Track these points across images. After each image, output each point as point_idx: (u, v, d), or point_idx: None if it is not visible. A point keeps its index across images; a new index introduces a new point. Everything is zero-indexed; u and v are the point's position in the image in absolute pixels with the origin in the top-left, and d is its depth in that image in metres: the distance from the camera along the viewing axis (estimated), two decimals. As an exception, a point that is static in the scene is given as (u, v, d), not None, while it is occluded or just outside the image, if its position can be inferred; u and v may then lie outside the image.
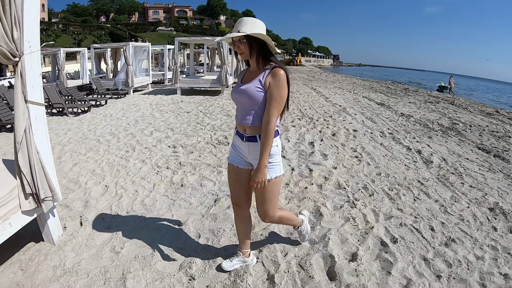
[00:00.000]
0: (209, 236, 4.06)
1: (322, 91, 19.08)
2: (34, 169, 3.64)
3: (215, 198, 5.05)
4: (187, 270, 3.44)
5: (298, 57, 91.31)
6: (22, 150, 3.55)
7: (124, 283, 3.32)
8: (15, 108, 3.47)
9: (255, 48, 2.85)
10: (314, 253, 3.67)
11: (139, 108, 14.08)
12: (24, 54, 3.41)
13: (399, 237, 3.97)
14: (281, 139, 3.22)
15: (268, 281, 3.29)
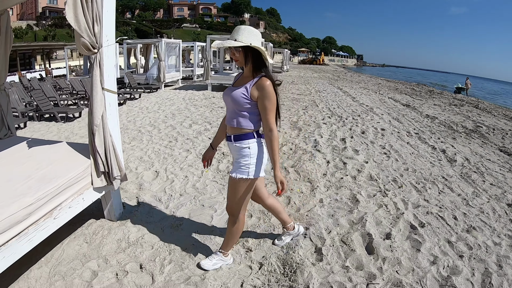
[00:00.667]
0: (260, 215, 4.54)
1: (348, 91, 19.39)
2: (108, 150, 4.00)
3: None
4: (244, 243, 3.91)
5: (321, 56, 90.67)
6: (99, 132, 3.90)
7: (189, 253, 3.76)
8: (94, 95, 3.80)
9: (250, 57, 2.97)
10: (354, 232, 4.14)
11: (173, 102, 14.58)
12: (103, 46, 3.77)
13: (426, 223, 4.39)
14: (264, 145, 3.21)
15: (316, 253, 3.76)
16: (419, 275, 3.43)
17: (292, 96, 16.65)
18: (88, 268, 3.55)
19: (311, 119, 10.85)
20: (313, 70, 46.05)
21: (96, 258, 3.73)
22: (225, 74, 20.44)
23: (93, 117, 3.85)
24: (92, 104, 3.83)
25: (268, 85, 2.94)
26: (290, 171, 6.14)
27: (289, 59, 44.07)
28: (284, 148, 7.52)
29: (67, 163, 4.02)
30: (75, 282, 3.36)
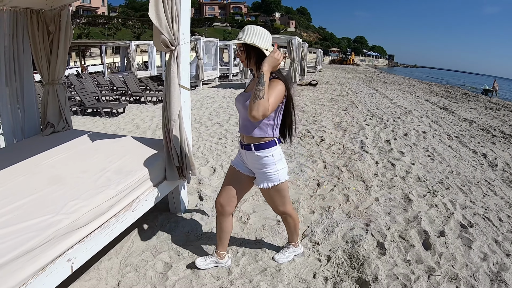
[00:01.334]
0: (322, 212, 4.80)
1: (384, 93, 19.48)
2: (183, 145, 4.15)
3: (317, 182, 5.79)
4: (310, 237, 4.15)
5: (351, 56, 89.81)
6: (176, 128, 4.02)
7: (261, 246, 3.96)
8: (171, 91, 3.88)
9: (252, 56, 2.84)
10: (410, 229, 4.38)
11: (214, 100, 14.94)
12: (180, 44, 3.85)
13: (474, 223, 4.58)
14: (281, 151, 3.13)
15: (378, 247, 3.99)
16: (472, 270, 3.64)
17: (330, 96, 16.85)
18: (160, 260, 3.72)
19: (353, 120, 11.05)
20: (345, 70, 45.97)
21: (167, 250, 3.92)
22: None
23: (170, 113, 3.96)
24: (170, 100, 3.94)
25: (278, 85, 2.76)
26: (342, 170, 6.37)
27: (321, 59, 43.89)
28: (333, 148, 7.77)
29: (139, 157, 4.21)
30: (149, 273, 3.52)
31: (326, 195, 5.33)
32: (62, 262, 2.74)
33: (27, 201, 3.13)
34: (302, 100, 15.40)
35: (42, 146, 4.93)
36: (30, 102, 5.70)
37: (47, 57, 5.47)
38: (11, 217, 2.85)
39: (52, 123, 5.74)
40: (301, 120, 10.98)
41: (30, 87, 5.67)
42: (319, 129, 9.65)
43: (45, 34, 5.32)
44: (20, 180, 3.68)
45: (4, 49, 5.17)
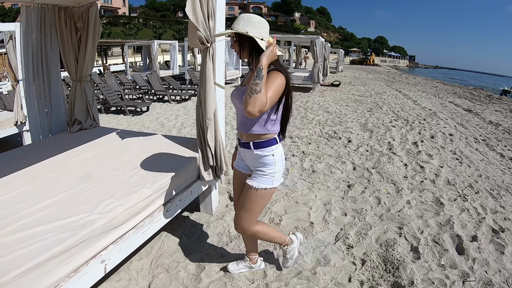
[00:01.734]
0: (354, 214, 4.79)
1: (408, 94, 19.32)
2: (218, 144, 4.05)
3: (347, 184, 5.79)
4: (344, 240, 4.14)
5: (371, 57, 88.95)
6: (211, 127, 3.91)
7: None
8: (207, 89, 3.77)
9: (245, 47, 2.64)
10: (443, 233, 4.35)
11: (238, 100, 14.95)
12: (216, 41, 3.77)
13: (505, 228, 4.54)
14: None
15: (412, 251, 3.97)
16: (505, 275, 3.60)
17: (353, 97, 16.80)
18: (192, 261, 3.70)
19: (379, 122, 11.00)
20: (367, 71, 45.70)
21: (199, 251, 3.91)
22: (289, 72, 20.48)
23: (206, 111, 3.86)
24: (205, 98, 3.84)
25: (278, 77, 2.52)
26: (372, 172, 6.36)
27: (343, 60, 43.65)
28: (361, 149, 7.75)
29: (171, 156, 4.25)
30: (181, 274, 3.50)
31: (357, 197, 5.32)
32: (96, 264, 2.66)
33: (58, 199, 3.14)
34: (326, 100, 15.39)
35: (69, 143, 4.96)
36: (57, 99, 5.74)
37: (75, 54, 5.50)
38: (43, 215, 2.83)
39: (79, 120, 5.78)
40: (326, 121, 10.98)
41: (58, 84, 5.71)
42: (346, 130, 9.64)
43: (73, 31, 5.36)
44: (50, 177, 3.70)
45: (32, 45, 5.22)
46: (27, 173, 3.84)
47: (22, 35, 5.22)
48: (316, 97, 16.63)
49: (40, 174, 3.79)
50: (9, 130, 7.88)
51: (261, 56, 2.45)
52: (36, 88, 5.49)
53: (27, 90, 5.49)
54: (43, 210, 2.92)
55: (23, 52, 5.32)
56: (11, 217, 2.80)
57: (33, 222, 2.72)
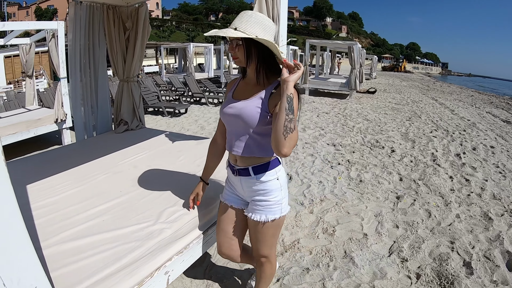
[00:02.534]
0: (406, 227, 4.70)
1: (444, 103, 18.96)
2: None
3: (396, 195, 5.69)
4: (398, 253, 4.06)
5: (403, 63, 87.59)
6: None
7: (352, 260, 3.87)
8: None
9: (253, 55, 2.13)
10: (494, 248, 4.23)
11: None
12: (279, 45, 3.46)
13: None
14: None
15: (465, 266, 3.87)
16: None
17: (390, 105, 16.60)
18: (247, 271, 3.64)
19: (420, 131, 10.81)
20: (400, 78, 45.12)
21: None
22: (321, 79, 20.43)
23: None
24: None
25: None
26: (419, 184, 6.24)
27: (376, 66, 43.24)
28: (405, 160, 7.63)
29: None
30: (236, 284, 3.47)
31: (407, 209, 5.23)
32: (160, 275, 2.42)
33: (115, 204, 3.06)
34: (364, 108, 15.26)
35: (117, 143, 4.94)
36: (104, 98, 5.74)
37: (123, 54, 5.50)
38: (100, 221, 2.75)
39: (126, 121, 5.77)
40: (367, 129, 10.88)
41: (104, 83, 5.70)
42: (388, 139, 9.53)
43: (121, 31, 5.36)
44: (101, 179, 3.65)
45: (80, 43, 5.21)
46: (75, 174, 3.81)
47: (71, 32, 5.20)
48: (354, 104, 16.49)
49: (90, 175, 3.75)
50: (49, 127, 7.97)
51: (288, 82, 1.96)
52: (83, 86, 5.49)
53: (73, 88, 5.46)
54: (100, 215, 2.86)
55: (70, 50, 5.28)
56: (65, 222, 2.73)
57: (91, 229, 2.63)
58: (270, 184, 2.35)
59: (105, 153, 4.47)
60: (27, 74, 9.83)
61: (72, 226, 2.66)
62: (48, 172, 3.81)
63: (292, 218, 4.84)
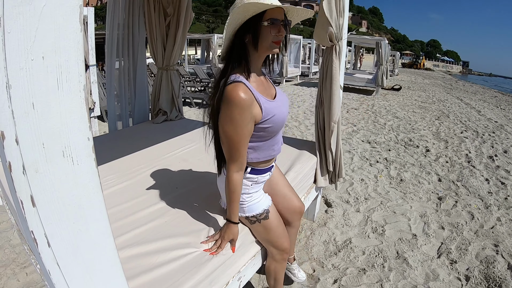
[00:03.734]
0: (452, 228, 4.71)
1: (470, 103, 18.71)
2: (339, 148, 3.92)
3: (438, 196, 5.69)
4: (447, 255, 4.08)
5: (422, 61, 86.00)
6: (335, 130, 3.81)
7: (406, 261, 3.88)
8: (333, 89, 3.64)
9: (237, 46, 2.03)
10: None
11: (303, 99, 14.98)
12: (342, 39, 3.59)
13: None
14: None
15: (510, 270, 3.85)
16: None
17: (417, 103, 16.45)
18: (303, 271, 3.49)
19: (450, 132, 10.73)
20: (422, 76, 44.48)
21: (308, 260, 3.85)
22: (347, 74, 20.15)
23: (332, 114, 3.73)
24: (332, 100, 3.69)
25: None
26: (458, 185, 6.22)
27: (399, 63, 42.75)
28: (441, 160, 7.59)
29: (287, 158, 3.88)
30: (294, 286, 3.45)
31: (450, 211, 5.22)
32: (234, 282, 2.28)
33: (172, 201, 2.86)
34: (391, 105, 15.16)
35: (157, 134, 4.80)
36: (142, 87, 5.62)
37: (163, 41, 5.33)
38: (163, 223, 2.53)
39: (164, 111, 5.64)
40: (398, 127, 10.83)
41: (143, 70, 5.57)
42: (421, 138, 9.47)
43: (161, 17, 5.17)
44: (149, 173, 3.44)
45: (118, 29, 5.11)
46: (119, 166, 3.63)
47: (109, 16, 5.04)
48: (380, 100, 16.39)
49: (136, 168, 3.57)
50: None
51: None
52: (120, 74, 5.39)
53: (108, 75, 5.35)
54: (160, 216, 2.62)
55: (107, 35, 5.11)
56: (122, 222, 2.53)
57: (155, 232, 2.42)
58: None
59: (146, 145, 4.33)
60: None
61: (130, 227, 2.46)
62: None
63: (340, 216, 4.88)
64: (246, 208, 2.36)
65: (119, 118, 5.66)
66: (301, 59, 24.54)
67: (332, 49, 3.62)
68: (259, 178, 2.35)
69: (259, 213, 2.38)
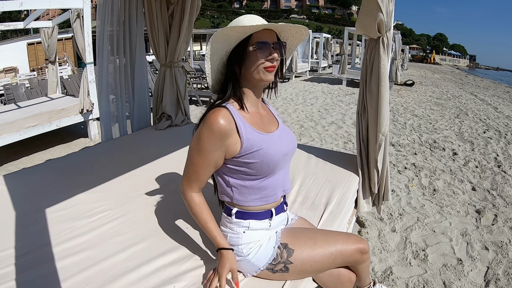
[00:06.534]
0: (496, 248, 4.19)
1: (485, 99, 18.10)
2: (385, 166, 3.28)
3: (475, 209, 5.16)
4: (496, 282, 3.59)
5: (432, 55, 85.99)
6: (383, 144, 3.18)
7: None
8: (382, 93, 3.04)
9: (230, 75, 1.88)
10: None
11: (315, 96, 14.56)
12: (390, 29, 2.99)
13: None
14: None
15: None
16: None
17: (432, 100, 15.88)
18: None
19: (473, 131, 10.17)
20: (431, 70, 43.81)
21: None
22: (358, 69, 19.58)
23: (380, 123, 3.08)
24: (381, 106, 3.06)
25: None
26: (494, 195, 5.70)
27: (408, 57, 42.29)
28: (470, 165, 7.03)
29: (319, 180, 3.34)
30: None
31: (492, 227, 4.69)
32: None
33: (195, 248, 2.34)
34: (407, 102, 14.60)
35: (160, 144, 4.33)
36: (141, 87, 5.07)
37: (165, 34, 4.79)
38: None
39: (169, 115, 5.08)
40: (419, 126, 10.26)
41: (142, 68, 5.03)
42: (445, 139, 8.88)
43: (164, 5, 4.63)
44: (154, 203, 2.86)
45: (111, 20, 4.50)
46: (113, 191, 3.09)
47: (100, 4, 4.40)
48: (395, 97, 15.81)
49: (136, 193, 3.00)
50: (74, 118, 7.54)
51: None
52: (116, 72, 4.79)
53: (100, 75, 4.66)
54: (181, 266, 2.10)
55: (98, 28, 4.48)
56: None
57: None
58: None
59: (148, 159, 3.79)
60: (50, 60, 9.45)
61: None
62: (71, 186, 3.12)
63: (376, 238, 4.30)
64: (254, 260, 1.96)
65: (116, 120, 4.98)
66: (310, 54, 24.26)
67: (378, 42, 2.99)
68: (253, 224, 1.97)
69: (274, 258, 1.96)
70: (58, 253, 2.19)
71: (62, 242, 2.31)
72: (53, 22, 9.13)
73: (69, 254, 2.19)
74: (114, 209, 2.73)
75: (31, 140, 7.05)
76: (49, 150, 7.42)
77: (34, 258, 2.14)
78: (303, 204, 2.91)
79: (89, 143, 7.78)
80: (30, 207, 2.77)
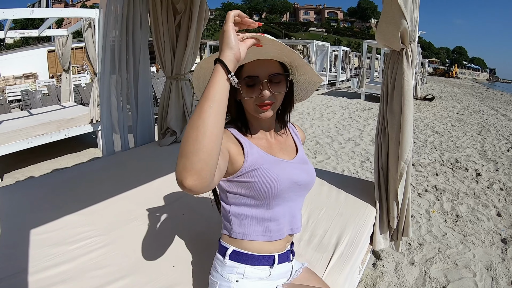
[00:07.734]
0: None
1: (507, 114, 17.38)
2: (406, 198, 2.86)
3: (501, 238, 4.74)
4: None
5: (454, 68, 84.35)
6: (405, 173, 2.76)
7: None
8: (406, 113, 2.64)
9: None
10: None
11: (333, 110, 14.18)
12: (415, 40, 2.66)
13: None
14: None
15: None
16: None
17: (453, 115, 15.37)
18: None
19: (496, 149, 9.67)
20: (450, 84, 42.93)
21: None
22: (377, 83, 19.24)
23: (402, 149, 2.67)
24: (403, 129, 2.65)
25: None
26: (525, 220, 5.20)
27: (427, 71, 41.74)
28: (495, 187, 6.57)
29: (330, 212, 2.97)
30: None
31: (521, 259, 4.25)
32: None
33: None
34: (427, 117, 14.14)
35: (164, 162, 4.03)
36: (145, 100, 4.84)
37: (172, 44, 4.57)
38: None
39: (174, 130, 4.84)
40: (440, 144, 9.79)
41: (146, 80, 4.79)
42: (468, 159, 8.41)
43: (170, 14, 4.42)
44: (153, 228, 2.62)
45: (115, 28, 4.31)
46: (108, 213, 2.86)
47: (103, 14, 4.24)
48: (415, 112, 15.15)
49: (133, 216, 2.78)
50: (83, 128, 7.50)
51: None
52: (117, 84, 4.59)
53: (102, 87, 4.49)
54: None
55: (100, 38, 4.33)
56: None
57: None
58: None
59: (146, 178, 3.53)
60: (64, 68, 9.41)
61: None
62: (60, 205, 2.95)
63: (393, 272, 3.88)
64: None
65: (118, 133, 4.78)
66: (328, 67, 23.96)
67: (402, 55, 2.62)
68: (249, 271, 1.62)
69: None
70: (33, 283, 2.02)
71: (39, 270, 2.13)
72: (68, 30, 9.08)
73: (44, 286, 2.00)
74: (100, 236, 2.51)
75: (41, 148, 6.99)
76: (57, 159, 7.38)
77: (7, 286, 1.99)
78: (309, 243, 2.55)
79: (98, 154, 7.75)
80: (13, 226, 2.61)
